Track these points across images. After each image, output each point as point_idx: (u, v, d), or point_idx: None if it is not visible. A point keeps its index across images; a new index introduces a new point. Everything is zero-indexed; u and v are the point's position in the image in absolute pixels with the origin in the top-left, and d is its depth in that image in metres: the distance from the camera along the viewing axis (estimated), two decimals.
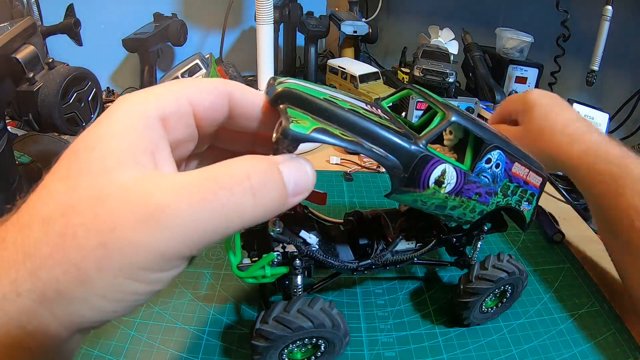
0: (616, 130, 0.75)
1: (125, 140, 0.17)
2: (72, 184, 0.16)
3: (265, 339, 0.27)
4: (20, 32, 0.35)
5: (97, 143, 0.17)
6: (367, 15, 1.07)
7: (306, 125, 0.20)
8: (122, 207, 0.16)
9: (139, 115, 0.18)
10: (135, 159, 0.17)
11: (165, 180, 0.17)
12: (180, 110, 0.19)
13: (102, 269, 0.16)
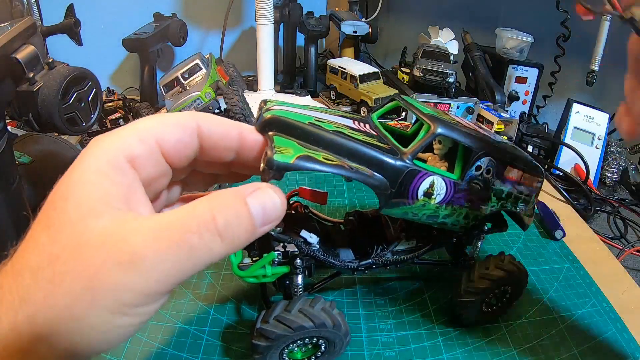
0: (616, 130, 0.75)
1: (97, 187, 0.18)
2: (54, 234, 0.18)
3: (266, 338, 0.27)
4: (20, 32, 0.35)
5: (72, 192, 0.18)
6: (367, 15, 1.07)
7: (290, 154, 0.22)
8: (102, 254, 0.17)
9: (107, 160, 0.19)
10: (108, 205, 0.18)
11: (140, 225, 0.18)
12: (147, 150, 0.20)
13: (91, 308, 0.17)
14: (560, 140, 0.65)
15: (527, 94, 0.82)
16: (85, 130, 0.41)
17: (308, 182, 0.59)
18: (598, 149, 0.64)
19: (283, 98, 0.80)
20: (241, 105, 0.59)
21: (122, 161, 0.19)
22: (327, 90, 0.87)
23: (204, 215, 0.18)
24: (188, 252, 0.18)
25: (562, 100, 0.72)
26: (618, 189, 0.63)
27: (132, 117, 0.70)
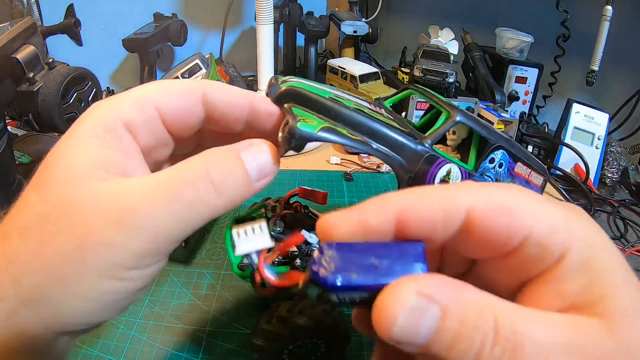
0: (616, 130, 0.75)
1: (92, 150, 0.18)
2: (45, 193, 0.17)
3: (266, 338, 0.27)
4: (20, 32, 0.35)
5: (65, 154, 0.18)
6: (367, 15, 1.07)
7: (313, 124, 0.20)
8: (94, 212, 0.17)
9: (103, 123, 0.18)
10: (102, 168, 0.18)
11: (133, 184, 0.18)
12: (145, 117, 0.19)
13: (80, 270, 0.16)
14: (560, 140, 0.65)
15: (527, 94, 0.82)
16: None
17: (308, 182, 0.59)
18: (598, 149, 0.64)
19: None
20: None
21: (119, 125, 0.19)
22: None
23: (198, 168, 0.18)
24: (183, 205, 0.17)
25: (562, 100, 0.72)
26: (618, 189, 0.63)
27: None
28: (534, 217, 0.16)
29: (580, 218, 0.17)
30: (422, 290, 0.14)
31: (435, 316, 0.14)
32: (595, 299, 0.16)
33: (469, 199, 0.16)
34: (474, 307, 0.15)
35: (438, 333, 0.14)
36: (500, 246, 0.17)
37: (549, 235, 0.16)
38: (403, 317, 0.14)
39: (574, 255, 0.16)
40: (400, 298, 0.14)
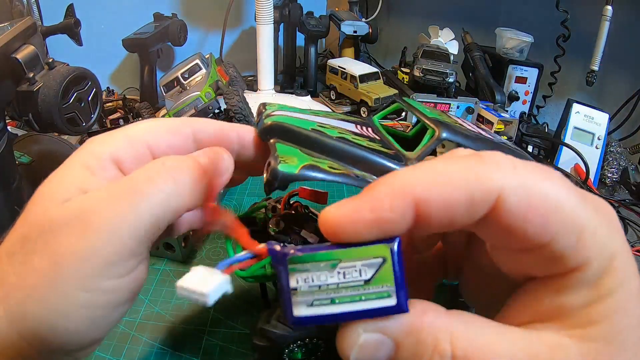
0: (616, 130, 0.75)
1: (75, 175, 0.19)
2: (26, 216, 0.18)
3: (266, 338, 0.27)
4: (20, 32, 0.35)
5: (52, 179, 0.19)
6: (367, 15, 1.07)
7: (294, 163, 0.21)
8: (62, 225, 0.17)
9: (92, 156, 0.20)
10: (81, 190, 0.19)
11: (94, 192, 0.18)
12: (134, 154, 0.21)
13: (56, 285, 0.17)
14: (560, 140, 0.65)
15: (527, 94, 0.82)
16: (85, 130, 0.41)
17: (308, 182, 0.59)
18: (598, 149, 0.64)
19: (283, 98, 0.80)
20: (241, 105, 0.59)
21: (107, 160, 0.20)
22: (327, 90, 0.87)
23: (155, 163, 0.19)
24: (141, 198, 0.18)
25: (562, 100, 0.72)
26: (618, 189, 0.63)
27: (132, 117, 0.69)
28: (566, 221, 0.15)
29: (609, 226, 0.16)
30: (373, 327, 0.15)
31: (389, 349, 0.15)
32: (600, 317, 0.15)
33: (502, 183, 0.14)
34: (429, 339, 0.15)
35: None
36: (521, 240, 0.15)
37: (573, 246, 0.15)
38: (355, 354, 0.15)
39: (589, 271, 0.15)
40: (350, 338, 0.15)
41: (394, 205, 0.14)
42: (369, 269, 0.15)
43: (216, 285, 0.16)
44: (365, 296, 0.15)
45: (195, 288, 0.16)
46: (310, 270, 0.15)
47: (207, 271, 0.17)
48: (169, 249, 0.42)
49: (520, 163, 0.15)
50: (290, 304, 0.15)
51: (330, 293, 0.15)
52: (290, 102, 0.78)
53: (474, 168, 0.15)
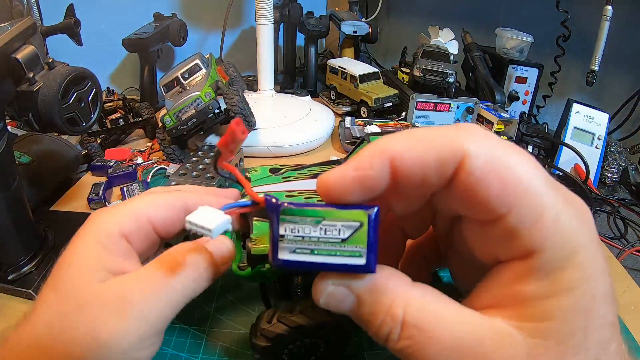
0: (616, 130, 0.75)
1: (96, 255, 0.22)
2: (62, 295, 0.21)
3: (266, 338, 0.27)
4: (20, 32, 0.35)
5: (74, 259, 0.22)
6: (367, 15, 1.07)
7: (265, 247, 0.24)
8: (102, 306, 0.20)
9: (104, 233, 0.22)
10: (106, 270, 0.21)
11: (126, 278, 0.21)
12: (138, 226, 0.24)
13: (96, 356, 0.19)
14: (560, 140, 0.65)
15: (527, 94, 0.82)
16: (85, 130, 0.41)
17: None
18: (598, 149, 0.64)
19: (283, 98, 0.80)
20: (241, 105, 0.59)
21: (117, 236, 0.23)
22: (327, 90, 0.87)
23: (175, 258, 0.22)
24: (167, 291, 0.21)
25: (562, 100, 0.72)
26: (618, 189, 0.63)
27: (132, 117, 0.69)
28: (526, 193, 0.15)
29: (578, 220, 0.15)
30: (340, 281, 0.18)
31: (352, 301, 0.18)
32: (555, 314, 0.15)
33: (469, 146, 0.16)
34: (386, 300, 0.17)
35: (357, 313, 0.18)
36: (482, 207, 0.16)
37: (530, 226, 0.15)
38: (323, 299, 0.18)
39: (545, 259, 0.15)
40: (321, 286, 0.18)
41: (374, 163, 0.16)
42: (347, 230, 0.17)
43: (220, 223, 0.19)
44: (340, 252, 0.17)
45: (203, 223, 0.19)
46: (298, 222, 0.17)
47: (212, 210, 0.20)
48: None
49: (495, 137, 0.16)
50: (277, 248, 0.18)
51: (311, 244, 0.17)
52: (290, 102, 0.78)
53: (446, 132, 0.16)
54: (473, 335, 0.16)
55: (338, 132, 0.70)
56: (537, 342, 0.15)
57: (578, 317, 0.15)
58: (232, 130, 0.19)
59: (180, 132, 0.57)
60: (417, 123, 0.76)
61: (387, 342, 0.18)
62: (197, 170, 0.53)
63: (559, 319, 0.15)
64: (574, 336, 0.15)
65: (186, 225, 0.20)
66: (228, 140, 0.19)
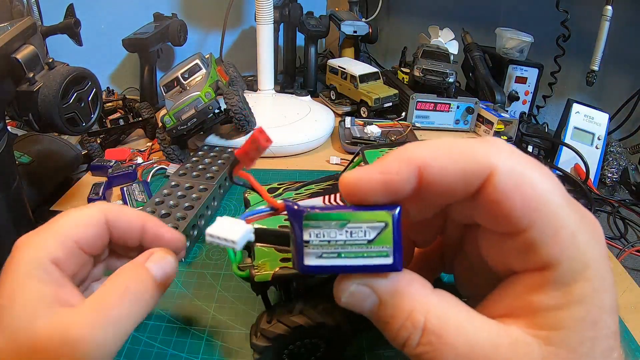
0: (616, 130, 0.75)
1: (32, 290, 0.21)
2: (8, 337, 0.20)
3: (266, 338, 0.27)
4: (20, 32, 0.35)
5: (13, 296, 0.21)
6: (367, 15, 1.07)
7: (267, 273, 0.25)
8: (52, 349, 0.20)
9: (36, 265, 0.22)
10: (45, 305, 0.21)
11: (73, 316, 0.21)
12: (67, 251, 0.23)
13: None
14: (560, 140, 0.65)
15: (527, 94, 0.82)
16: (85, 130, 0.41)
17: None
18: (598, 149, 0.64)
19: (283, 98, 0.80)
20: (241, 105, 0.59)
21: (48, 264, 0.22)
22: (327, 90, 0.87)
23: (122, 288, 0.22)
24: (113, 323, 0.21)
25: (562, 100, 0.72)
26: (618, 189, 0.63)
27: (132, 117, 0.69)
28: (547, 209, 0.16)
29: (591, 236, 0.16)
30: (365, 281, 0.18)
31: (374, 302, 0.18)
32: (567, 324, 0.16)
33: (496, 162, 0.16)
34: (407, 305, 0.17)
35: (376, 315, 0.18)
36: (504, 221, 0.16)
37: (548, 240, 0.16)
38: (345, 299, 0.18)
39: (561, 272, 0.16)
40: (344, 285, 0.18)
41: (401, 169, 0.16)
42: (373, 231, 0.17)
43: (243, 233, 0.19)
44: (367, 253, 0.17)
45: (226, 236, 0.19)
46: (322, 227, 0.17)
47: (232, 221, 0.20)
48: None
49: (519, 152, 0.17)
50: (302, 254, 0.17)
51: (338, 248, 0.17)
52: (290, 102, 0.78)
53: (474, 146, 0.17)
54: (489, 342, 0.16)
55: (338, 132, 0.70)
56: (551, 349, 0.16)
57: (588, 327, 0.16)
58: (255, 139, 0.18)
59: (180, 132, 0.57)
60: (417, 123, 0.76)
61: (404, 346, 0.17)
62: (197, 170, 0.53)
63: (571, 328, 0.16)
64: (583, 345, 0.16)
65: (207, 239, 0.19)
66: (249, 149, 0.18)
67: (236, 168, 0.20)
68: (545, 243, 0.16)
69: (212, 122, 0.60)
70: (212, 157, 0.57)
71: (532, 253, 0.16)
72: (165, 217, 0.43)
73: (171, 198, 0.46)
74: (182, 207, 0.45)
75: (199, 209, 0.45)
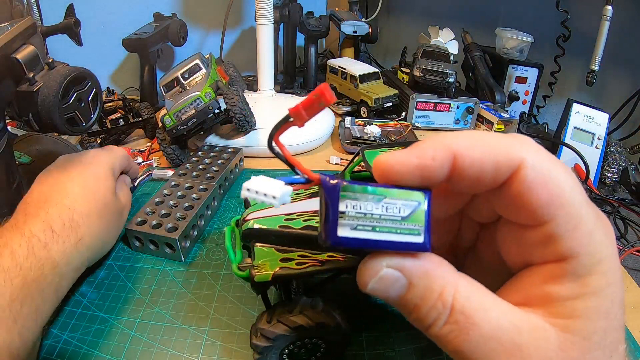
0: (616, 130, 0.75)
1: (109, 182, 0.42)
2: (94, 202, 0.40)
3: (266, 338, 0.27)
4: (20, 32, 0.35)
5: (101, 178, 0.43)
6: (367, 15, 1.07)
7: (268, 273, 0.25)
8: (118, 206, 0.43)
9: (110, 168, 0.43)
10: (112, 191, 0.42)
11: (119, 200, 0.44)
12: (118, 166, 0.46)
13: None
14: (560, 140, 0.65)
15: (527, 94, 0.82)
16: (85, 130, 0.41)
17: None
18: (598, 149, 0.64)
19: (283, 98, 0.80)
20: (241, 105, 0.59)
21: (114, 169, 0.44)
22: None
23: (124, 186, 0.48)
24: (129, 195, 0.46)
25: (562, 100, 0.72)
26: (618, 189, 0.63)
27: (132, 117, 0.69)
28: (568, 204, 0.17)
29: (605, 234, 0.17)
30: (396, 264, 0.18)
31: (402, 286, 0.18)
32: (582, 313, 0.17)
33: (525, 156, 0.17)
34: (437, 286, 0.18)
35: (403, 299, 0.18)
36: (528, 213, 0.17)
37: (569, 234, 0.17)
38: (373, 284, 0.18)
39: (578, 265, 0.17)
40: (372, 269, 0.18)
41: (436, 155, 0.17)
42: (407, 209, 0.18)
43: (284, 192, 0.18)
44: (400, 230, 0.17)
45: (267, 191, 0.18)
46: (359, 199, 0.17)
47: (269, 180, 0.19)
48: (169, 249, 0.42)
49: (546, 151, 0.18)
50: (336, 225, 0.17)
51: (373, 221, 0.17)
52: (290, 102, 0.78)
53: (505, 140, 0.18)
54: (513, 326, 0.17)
55: (338, 132, 0.70)
56: (567, 336, 0.17)
57: (601, 318, 0.17)
58: (320, 93, 0.17)
59: (180, 132, 0.57)
60: (417, 123, 0.76)
61: (430, 327, 0.18)
62: (197, 170, 0.53)
63: (586, 317, 0.17)
64: (596, 334, 0.17)
65: (243, 193, 0.19)
66: (309, 104, 0.18)
67: (284, 127, 0.19)
68: (565, 236, 0.17)
69: (212, 122, 0.60)
70: (212, 157, 0.57)
71: (552, 245, 0.17)
72: (165, 217, 0.43)
73: (171, 198, 0.46)
74: (182, 207, 0.45)
75: (199, 209, 0.45)
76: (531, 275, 0.19)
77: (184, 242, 0.42)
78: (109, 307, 0.36)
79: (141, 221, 0.43)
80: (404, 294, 0.18)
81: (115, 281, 0.39)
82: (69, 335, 0.34)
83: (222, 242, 0.45)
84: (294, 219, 0.29)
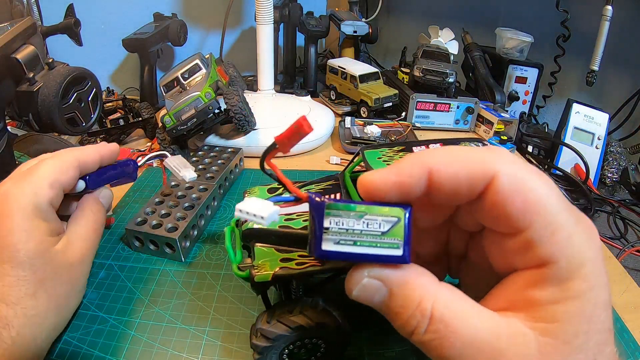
0: (616, 130, 0.75)
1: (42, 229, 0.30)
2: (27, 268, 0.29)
3: (266, 338, 0.27)
4: (20, 32, 0.35)
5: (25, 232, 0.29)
6: (367, 15, 1.07)
7: (267, 273, 0.26)
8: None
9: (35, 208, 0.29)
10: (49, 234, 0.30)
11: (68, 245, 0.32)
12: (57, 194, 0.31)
13: None
14: (560, 140, 0.65)
15: (527, 94, 0.82)
16: (85, 130, 0.41)
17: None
18: (598, 149, 0.64)
19: (283, 98, 0.80)
20: (241, 105, 0.59)
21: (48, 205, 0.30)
22: (327, 90, 0.87)
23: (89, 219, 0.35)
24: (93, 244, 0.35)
25: (562, 100, 0.72)
26: (618, 189, 0.63)
27: (132, 117, 0.69)
28: (544, 211, 0.17)
29: (587, 237, 0.18)
30: (376, 274, 0.19)
31: (384, 294, 0.19)
32: (563, 317, 0.17)
33: (499, 168, 0.18)
34: (416, 295, 0.19)
35: (386, 306, 0.20)
36: (506, 221, 0.18)
37: (546, 240, 0.17)
38: (357, 292, 0.20)
39: (558, 269, 0.17)
40: (356, 278, 0.19)
41: (413, 172, 0.18)
42: (387, 224, 0.19)
43: (271, 212, 0.20)
44: (380, 244, 0.19)
45: (256, 212, 0.20)
46: (342, 216, 0.19)
47: (261, 201, 0.21)
48: (169, 249, 0.42)
49: (521, 161, 0.19)
50: (321, 240, 0.19)
51: (354, 236, 0.19)
52: (290, 102, 0.78)
53: (480, 153, 0.19)
54: (491, 332, 0.18)
55: (338, 132, 0.70)
56: (547, 340, 0.17)
57: (582, 321, 0.17)
58: (299, 125, 0.19)
59: (180, 132, 0.57)
60: (417, 123, 0.76)
61: (412, 334, 0.19)
62: (197, 170, 0.53)
63: (566, 321, 0.17)
64: (578, 337, 0.17)
65: (236, 214, 0.21)
66: (290, 135, 0.19)
67: (272, 153, 0.21)
68: (543, 242, 0.17)
69: (212, 122, 0.60)
70: (212, 157, 0.57)
71: (531, 251, 0.18)
72: (165, 217, 0.43)
73: (171, 198, 0.46)
74: (182, 207, 0.45)
75: (199, 209, 0.45)
76: (515, 281, 0.19)
77: (184, 242, 0.42)
78: (109, 307, 0.36)
79: (141, 221, 0.42)
80: (387, 302, 0.20)
81: (115, 281, 0.39)
82: (69, 335, 0.34)
83: (222, 242, 0.45)
84: (294, 219, 0.29)
